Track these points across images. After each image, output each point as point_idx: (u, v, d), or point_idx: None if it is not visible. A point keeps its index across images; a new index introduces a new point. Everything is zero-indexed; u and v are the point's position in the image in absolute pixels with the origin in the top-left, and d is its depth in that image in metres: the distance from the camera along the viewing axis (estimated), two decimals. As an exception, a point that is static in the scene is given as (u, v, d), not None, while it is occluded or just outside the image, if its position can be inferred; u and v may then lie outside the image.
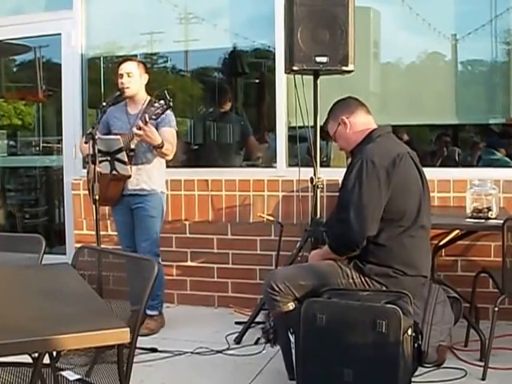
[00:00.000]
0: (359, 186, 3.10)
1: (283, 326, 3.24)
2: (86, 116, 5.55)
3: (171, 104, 3.99)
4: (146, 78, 4.38)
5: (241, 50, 5.59)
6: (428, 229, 3.32)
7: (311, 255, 3.53)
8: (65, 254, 5.41)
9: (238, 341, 4.11)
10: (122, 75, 4.30)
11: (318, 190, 4.18)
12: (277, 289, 3.17)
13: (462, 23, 4.93)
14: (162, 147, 4.10)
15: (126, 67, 4.30)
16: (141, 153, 4.26)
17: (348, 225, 3.11)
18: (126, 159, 4.15)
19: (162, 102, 4.00)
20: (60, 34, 5.46)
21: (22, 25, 5.45)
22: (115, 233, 4.81)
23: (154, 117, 3.99)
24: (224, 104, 5.65)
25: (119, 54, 5.62)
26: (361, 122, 3.35)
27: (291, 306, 3.18)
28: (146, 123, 3.96)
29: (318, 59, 3.96)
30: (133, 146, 4.18)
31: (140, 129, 3.97)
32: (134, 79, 4.30)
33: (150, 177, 4.33)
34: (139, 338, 2.18)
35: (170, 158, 4.30)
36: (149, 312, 4.26)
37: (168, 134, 4.18)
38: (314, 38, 3.97)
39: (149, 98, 4.36)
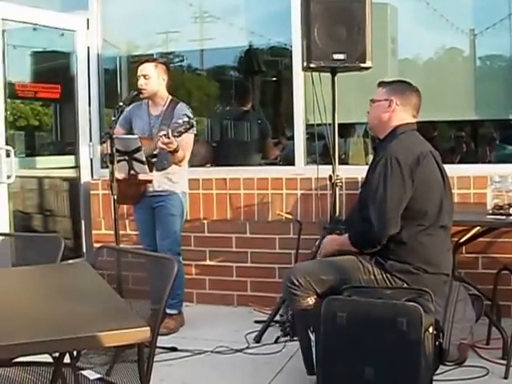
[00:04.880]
0: (383, 184, 3.09)
1: (303, 324, 3.22)
2: (103, 116, 5.57)
3: (194, 124, 4.02)
4: (165, 79, 4.36)
5: (257, 48, 5.58)
6: (449, 228, 3.29)
7: (327, 238, 3.50)
8: (81, 255, 5.40)
9: (258, 340, 4.09)
10: (139, 77, 4.31)
11: (337, 188, 4.16)
12: (297, 283, 3.15)
13: (480, 18, 4.88)
14: (177, 151, 4.11)
15: (143, 69, 4.31)
16: (161, 155, 4.26)
17: (371, 223, 3.10)
18: (144, 158, 4.15)
19: (186, 119, 4.00)
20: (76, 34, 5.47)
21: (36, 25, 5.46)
22: (134, 232, 4.82)
23: (176, 134, 3.99)
24: (244, 102, 5.63)
25: (135, 54, 5.63)
26: (401, 118, 3.29)
27: (311, 300, 3.16)
28: (168, 138, 3.97)
29: (336, 56, 3.94)
30: (155, 152, 4.19)
31: (165, 143, 4.00)
32: (150, 81, 4.30)
33: (171, 177, 4.34)
34: (159, 337, 2.18)
35: (182, 164, 4.30)
36: (168, 311, 4.25)
37: (184, 141, 4.17)
38: (331, 35, 3.95)
39: (170, 98, 4.37)
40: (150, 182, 4.27)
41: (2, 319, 1.91)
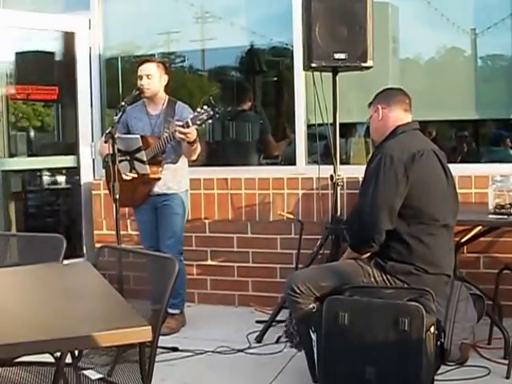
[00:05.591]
0: (375, 181, 3.10)
1: (306, 329, 3.22)
2: (105, 116, 5.57)
3: (218, 111, 3.94)
4: (165, 78, 4.36)
5: (258, 48, 5.57)
6: (452, 227, 3.29)
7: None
8: (82, 256, 5.39)
9: (259, 339, 4.09)
10: (141, 77, 4.28)
11: (338, 188, 4.16)
12: (298, 291, 3.16)
13: (481, 17, 4.87)
14: (196, 142, 4.06)
15: (145, 69, 4.29)
16: (168, 151, 4.26)
17: (362, 219, 3.13)
18: (145, 158, 4.15)
19: (205, 107, 3.91)
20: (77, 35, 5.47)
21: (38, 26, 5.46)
22: (135, 232, 4.82)
23: (198, 122, 3.91)
24: (245, 102, 5.62)
25: (136, 54, 5.63)
26: (394, 118, 3.32)
27: (313, 307, 3.17)
28: (188, 127, 3.92)
29: (337, 56, 3.94)
30: (171, 140, 4.14)
31: (184, 133, 3.93)
32: (153, 81, 4.29)
33: (175, 175, 4.34)
34: (160, 337, 2.18)
35: (194, 158, 4.29)
36: (170, 311, 4.26)
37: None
38: (333, 34, 3.96)
39: (167, 97, 4.36)
40: (159, 179, 4.26)
41: (3, 319, 1.92)
